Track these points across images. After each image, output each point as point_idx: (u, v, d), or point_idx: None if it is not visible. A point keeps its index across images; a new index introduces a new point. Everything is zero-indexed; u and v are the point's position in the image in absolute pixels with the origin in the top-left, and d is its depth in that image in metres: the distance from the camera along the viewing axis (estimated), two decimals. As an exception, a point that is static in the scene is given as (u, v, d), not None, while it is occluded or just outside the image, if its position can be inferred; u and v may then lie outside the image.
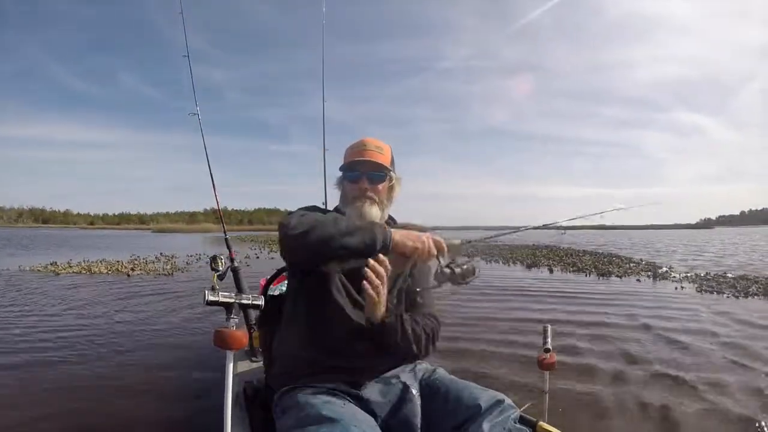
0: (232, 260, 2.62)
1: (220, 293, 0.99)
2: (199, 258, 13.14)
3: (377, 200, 1.34)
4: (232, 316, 0.98)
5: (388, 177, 1.37)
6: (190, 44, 3.17)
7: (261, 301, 1.02)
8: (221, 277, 2.28)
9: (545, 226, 1.52)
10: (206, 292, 0.97)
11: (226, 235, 2.93)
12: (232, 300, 0.99)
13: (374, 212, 1.32)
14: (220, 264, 2.27)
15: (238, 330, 0.96)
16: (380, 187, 1.34)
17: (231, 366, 0.99)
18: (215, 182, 3.03)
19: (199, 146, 3.01)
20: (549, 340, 1.53)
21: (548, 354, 1.49)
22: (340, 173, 1.41)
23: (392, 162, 1.39)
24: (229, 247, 2.81)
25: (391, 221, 1.44)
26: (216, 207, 3.07)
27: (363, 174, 1.33)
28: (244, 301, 0.99)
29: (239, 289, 2.61)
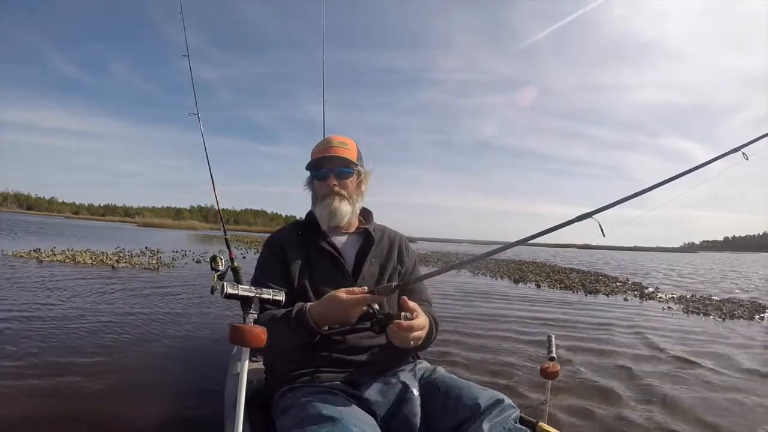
0: (231, 260, 2.59)
1: (239, 287, 0.96)
2: (185, 255, 12.96)
3: (346, 196, 1.35)
4: (250, 311, 0.96)
5: (355, 172, 1.37)
6: (182, 40, 3.12)
7: (282, 296, 1.00)
8: (221, 277, 2.28)
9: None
10: (225, 284, 0.95)
11: (226, 235, 2.93)
12: (253, 294, 0.96)
13: (344, 208, 1.33)
14: (220, 264, 2.29)
15: (255, 326, 0.93)
16: (348, 182, 1.36)
17: (246, 364, 0.94)
18: (215, 181, 3.04)
19: (192, 144, 3.14)
20: (554, 349, 1.55)
21: (552, 363, 1.51)
22: (308, 176, 1.41)
23: (359, 157, 1.40)
24: (228, 247, 2.80)
25: (368, 214, 1.47)
26: (216, 206, 3.09)
27: (330, 171, 1.34)
28: (265, 296, 0.97)
29: None
